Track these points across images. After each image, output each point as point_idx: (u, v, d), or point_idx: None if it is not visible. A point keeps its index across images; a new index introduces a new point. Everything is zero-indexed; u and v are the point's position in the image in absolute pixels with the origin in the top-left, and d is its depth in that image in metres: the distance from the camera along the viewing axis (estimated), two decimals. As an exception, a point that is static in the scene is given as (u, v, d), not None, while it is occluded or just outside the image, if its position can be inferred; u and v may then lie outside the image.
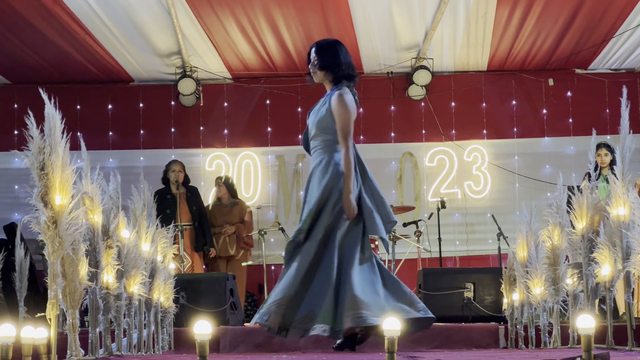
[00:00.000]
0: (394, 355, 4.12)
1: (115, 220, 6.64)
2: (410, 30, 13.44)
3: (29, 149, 5.14)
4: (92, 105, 14.93)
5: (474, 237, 14.76)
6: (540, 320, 8.45)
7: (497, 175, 14.97)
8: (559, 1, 12.28)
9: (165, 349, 8.91)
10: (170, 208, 12.97)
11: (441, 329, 10.30)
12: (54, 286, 5.25)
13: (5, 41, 13.01)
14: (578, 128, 14.82)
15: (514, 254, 9.22)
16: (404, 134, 15.08)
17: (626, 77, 14.66)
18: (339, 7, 12.23)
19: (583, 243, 7.44)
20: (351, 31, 13.16)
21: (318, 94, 8.06)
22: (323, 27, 12.81)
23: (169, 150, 14.84)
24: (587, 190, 7.48)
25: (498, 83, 15.14)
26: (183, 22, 12.74)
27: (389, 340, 4.14)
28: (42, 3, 11.75)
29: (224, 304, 10.74)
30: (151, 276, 8.00)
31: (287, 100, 14.64)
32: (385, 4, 12.29)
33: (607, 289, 6.94)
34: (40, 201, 5.12)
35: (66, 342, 5.54)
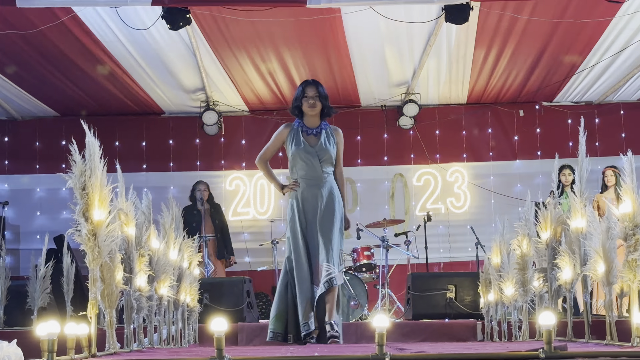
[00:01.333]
0: (383, 347, 4.12)
1: (146, 233, 6.64)
2: (401, 69, 13.45)
3: (72, 171, 5.16)
4: (127, 134, 14.94)
5: (455, 246, 14.73)
6: (512, 317, 8.43)
7: (475, 193, 14.96)
8: (528, 44, 12.28)
9: (191, 342, 8.90)
10: (196, 221, 12.99)
11: (427, 325, 10.30)
12: (94, 289, 5.25)
13: (54, 79, 13.04)
14: (544, 152, 14.79)
15: (489, 260, 9.20)
16: (395, 157, 15.08)
17: (585, 109, 14.65)
18: (339, 49, 12.25)
19: (547, 251, 7.44)
20: (350, 70, 13.17)
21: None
22: (326, 66, 12.82)
23: (195, 173, 14.84)
24: (551, 205, 7.49)
25: (476, 114, 15.14)
26: (206, 62, 12.75)
27: (378, 334, 4.14)
28: (85, 46, 11.77)
29: (242, 304, 10.72)
30: (178, 280, 7.99)
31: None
32: (379, 46, 12.30)
33: (568, 290, 6.93)
34: (81, 216, 5.13)
35: (105, 336, 5.54)
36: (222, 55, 12.49)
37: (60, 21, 10.81)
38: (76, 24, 11.01)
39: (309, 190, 7.90)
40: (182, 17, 10.46)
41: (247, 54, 12.45)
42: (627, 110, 14.98)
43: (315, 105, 7.91)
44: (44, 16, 10.66)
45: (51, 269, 10.13)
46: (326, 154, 7.91)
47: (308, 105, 7.93)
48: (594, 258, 6.17)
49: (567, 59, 12.87)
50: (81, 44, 11.68)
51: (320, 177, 7.90)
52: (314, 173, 7.90)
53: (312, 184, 7.90)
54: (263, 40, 11.94)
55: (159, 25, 10.78)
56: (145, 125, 15.12)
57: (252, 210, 14.99)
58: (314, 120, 8.00)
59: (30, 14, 10.52)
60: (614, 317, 6.16)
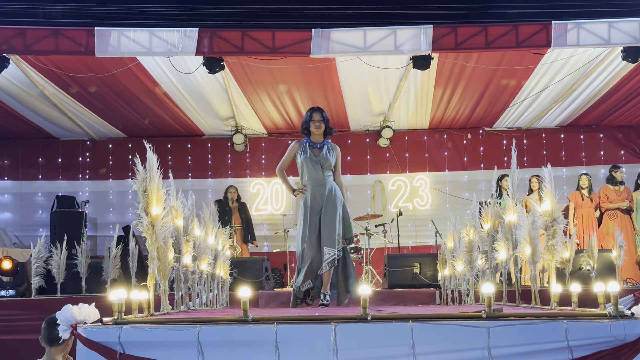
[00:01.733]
0: (366, 309, 4.12)
1: (191, 224, 6.64)
2: (380, 103, 13.44)
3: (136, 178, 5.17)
4: (177, 150, 14.91)
5: (420, 234, 14.68)
6: (462, 286, 8.43)
7: (435, 195, 14.93)
8: (474, 84, 12.27)
9: (224, 305, 8.89)
10: (228, 215, 12.99)
11: (399, 293, 10.28)
12: (152, 265, 5.26)
13: (123, 109, 13.04)
14: (486, 165, 14.75)
15: (445, 245, 9.20)
16: (375, 169, 15.04)
17: (516, 133, 14.63)
18: (334, 87, 12.25)
19: (488, 238, 7.45)
20: (342, 103, 13.17)
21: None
22: (324, 100, 12.79)
23: (227, 179, 14.81)
24: (491, 205, 7.49)
25: (435, 136, 15.11)
26: (236, 97, 12.75)
27: (362, 299, 4.14)
28: (146, 85, 11.79)
29: (262, 277, 10.71)
30: (215, 259, 8.00)
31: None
32: (364, 86, 12.30)
33: (503, 266, 6.94)
34: (143, 211, 5.13)
35: (160, 301, 5.55)
36: (247, 92, 12.49)
37: (127, 67, 10.83)
38: (139, 68, 11.02)
39: (315, 190, 7.87)
40: (218, 64, 10.49)
41: (266, 91, 12.45)
42: (547, 134, 14.94)
43: (320, 127, 7.92)
44: (116, 63, 10.69)
45: (120, 250, 10.15)
46: (327, 162, 7.90)
47: (315, 127, 7.91)
48: (522, 244, 6.18)
49: (503, 96, 12.88)
50: (143, 83, 11.70)
51: (322, 179, 7.87)
52: (317, 176, 7.87)
53: (316, 185, 7.88)
54: (277, 81, 11.94)
55: (201, 70, 10.79)
56: (190, 144, 15.09)
57: (269, 207, 14.96)
58: (319, 138, 7.97)
59: (106, 61, 10.54)
60: (538, 287, 6.17)
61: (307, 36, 10.05)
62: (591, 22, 10.12)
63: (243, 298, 4.12)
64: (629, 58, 10.36)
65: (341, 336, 4.00)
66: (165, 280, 5.46)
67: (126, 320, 4.18)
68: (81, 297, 9.58)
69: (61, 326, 4.22)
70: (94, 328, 4.13)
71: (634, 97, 12.73)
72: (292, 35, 10.28)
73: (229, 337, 4.07)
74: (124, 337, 4.08)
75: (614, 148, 14.87)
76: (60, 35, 10.03)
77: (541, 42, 10.18)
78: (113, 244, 10.28)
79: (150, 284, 5.20)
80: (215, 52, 10.24)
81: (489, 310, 4.15)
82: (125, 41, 10.03)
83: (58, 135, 14.77)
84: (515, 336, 4.03)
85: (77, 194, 14.32)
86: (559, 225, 5.73)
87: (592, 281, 9.22)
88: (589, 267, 9.61)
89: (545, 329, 4.05)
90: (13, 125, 13.70)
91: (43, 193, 14.81)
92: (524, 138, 14.74)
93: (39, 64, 10.69)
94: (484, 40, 10.20)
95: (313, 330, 4.05)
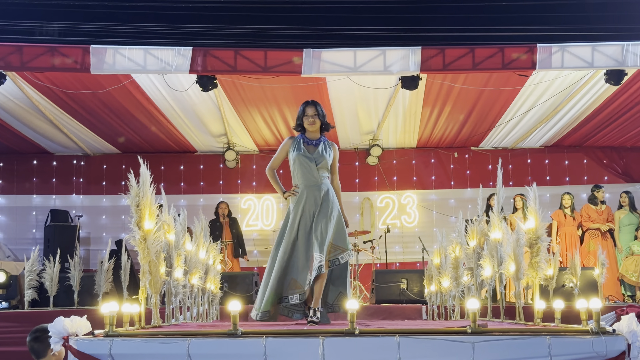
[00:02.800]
0: (354, 323, 4.12)
1: (183, 238, 6.63)
2: (369, 122, 13.47)
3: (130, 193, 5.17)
4: (170, 166, 14.90)
5: (407, 250, 14.69)
6: (448, 302, 8.43)
7: (422, 212, 14.94)
8: (461, 105, 12.33)
9: (214, 319, 8.87)
10: (219, 230, 12.96)
11: (386, 308, 10.27)
12: (143, 279, 5.25)
13: (117, 125, 13.02)
14: (472, 184, 14.79)
15: (431, 261, 9.20)
16: (364, 186, 15.06)
17: (501, 152, 14.69)
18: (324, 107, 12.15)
19: (474, 255, 7.45)
20: (332, 122, 13.13)
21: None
22: (315, 119, 12.81)
23: (218, 195, 14.79)
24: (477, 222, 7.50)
25: (423, 155, 15.14)
26: (228, 115, 12.76)
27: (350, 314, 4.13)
28: (140, 102, 11.78)
29: (252, 291, 10.69)
30: (205, 273, 7.98)
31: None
32: (353, 105, 12.33)
33: (488, 283, 6.94)
34: (136, 226, 5.12)
35: (151, 314, 5.52)
36: (239, 110, 12.50)
37: (122, 84, 10.83)
38: (134, 86, 11.02)
39: (308, 191, 6.78)
40: (211, 82, 10.51)
41: (257, 109, 12.46)
42: (532, 154, 15.01)
43: (315, 123, 6.91)
44: (111, 80, 10.69)
45: (112, 264, 10.11)
46: (323, 160, 6.84)
47: (308, 123, 6.91)
48: (507, 261, 6.19)
49: (489, 116, 12.94)
50: (137, 100, 11.69)
51: (317, 180, 6.80)
52: (311, 176, 6.79)
53: (310, 185, 6.79)
54: (269, 100, 11.95)
55: (194, 88, 10.80)
56: (183, 160, 15.08)
57: (260, 222, 14.94)
58: (314, 134, 6.95)
59: (101, 78, 10.55)
60: (522, 304, 6.17)
61: (298, 55, 10.09)
62: (575, 45, 10.22)
63: (233, 312, 4.12)
64: (612, 81, 10.44)
65: (329, 350, 4.00)
66: (157, 294, 5.45)
67: (117, 333, 4.16)
68: (73, 310, 9.52)
69: (53, 338, 4.20)
70: (86, 340, 4.11)
71: (616, 118, 12.82)
72: (284, 54, 10.33)
73: (218, 350, 4.06)
74: (115, 350, 4.06)
75: (597, 168, 14.95)
76: (57, 52, 10.05)
77: (527, 64, 10.26)
78: (105, 257, 10.24)
79: (142, 297, 5.18)
80: (209, 71, 10.27)
81: (474, 326, 4.15)
82: (121, 59, 10.06)
83: (53, 151, 14.73)
84: (499, 351, 4.03)
85: (70, 209, 14.28)
86: (542, 243, 5.75)
87: (574, 298, 9.24)
88: (571, 285, 9.64)
89: (529, 344, 4.05)
90: (8, 140, 13.66)
91: (37, 207, 14.76)
92: (509, 157, 14.78)
93: (35, 81, 10.68)
94: (471, 62, 10.26)
95: (301, 344, 4.04)
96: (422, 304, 10.10)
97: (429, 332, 4.12)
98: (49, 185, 14.89)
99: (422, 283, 10.14)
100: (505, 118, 12.98)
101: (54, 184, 14.90)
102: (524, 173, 14.71)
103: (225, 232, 13.13)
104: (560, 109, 12.41)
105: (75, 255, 10.38)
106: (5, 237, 14.48)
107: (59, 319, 4.21)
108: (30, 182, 14.84)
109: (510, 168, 14.63)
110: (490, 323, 5.94)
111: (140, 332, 4.35)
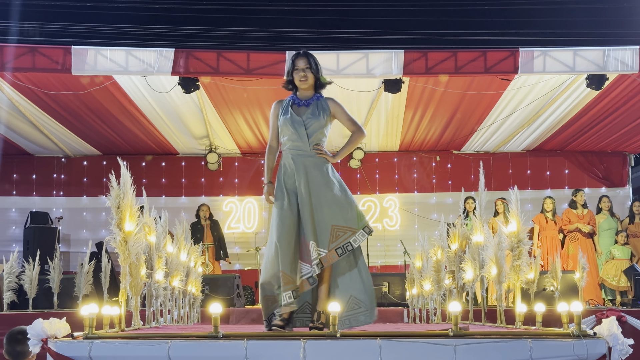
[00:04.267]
0: (335, 326, 4.11)
1: (163, 240, 6.60)
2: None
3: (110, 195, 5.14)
4: (151, 168, 14.86)
5: (389, 254, 14.71)
6: (429, 305, 8.44)
7: (404, 216, 14.97)
8: (443, 108, 12.36)
9: (195, 322, 8.83)
10: (200, 233, 12.92)
11: (368, 311, 10.26)
12: (124, 281, 5.21)
13: (98, 127, 12.96)
14: (454, 187, 14.84)
15: (413, 264, 9.21)
16: (346, 189, 15.05)
17: (483, 156, 14.73)
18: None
19: (455, 258, 7.47)
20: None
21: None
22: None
23: (200, 197, 14.76)
24: (459, 225, 7.52)
25: (405, 158, 15.18)
26: (210, 117, 12.73)
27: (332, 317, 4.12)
28: (122, 104, 11.73)
29: (233, 294, 10.67)
30: (186, 275, 7.95)
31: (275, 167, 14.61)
32: (336, 108, 12.32)
33: (470, 286, 6.95)
34: (116, 227, 5.10)
35: (131, 316, 5.49)
36: (222, 112, 12.48)
37: (103, 85, 10.78)
38: (115, 87, 10.97)
39: (297, 161, 5.55)
40: (193, 84, 10.49)
41: (240, 111, 12.44)
42: (513, 157, 15.08)
43: (306, 77, 5.63)
44: (92, 81, 10.64)
45: (93, 266, 10.06)
46: (314, 123, 5.57)
47: (299, 79, 5.65)
48: (488, 264, 6.20)
49: (471, 120, 12.98)
50: (119, 102, 11.64)
51: (307, 148, 5.55)
52: (300, 143, 5.55)
53: (298, 155, 5.56)
54: (251, 102, 11.93)
55: (176, 89, 10.77)
56: (164, 162, 15.03)
57: (241, 225, 14.91)
58: (307, 92, 5.70)
59: (82, 79, 10.50)
60: (503, 307, 6.19)
61: (281, 58, 10.08)
62: (557, 49, 10.29)
63: (214, 314, 4.09)
64: (593, 85, 10.52)
65: (310, 352, 3.98)
66: (137, 296, 5.42)
67: (97, 335, 4.13)
68: (53, 312, 9.46)
69: (31, 340, 4.16)
70: (65, 342, 4.07)
71: (597, 123, 12.90)
72: (267, 57, 10.32)
73: (199, 352, 4.04)
74: (95, 352, 4.03)
75: (578, 172, 15.04)
76: (38, 53, 10.00)
77: (509, 69, 10.31)
78: (86, 259, 10.19)
79: (122, 299, 5.15)
80: (191, 72, 10.25)
81: (455, 329, 4.16)
82: (102, 60, 10.03)
83: (33, 152, 14.64)
84: (481, 354, 4.04)
85: (51, 210, 14.17)
86: (524, 247, 5.77)
87: (555, 301, 9.27)
88: (552, 288, 9.68)
89: (510, 347, 4.06)
90: (-12, 141, 13.57)
91: (17, 209, 14.66)
92: (491, 161, 14.84)
93: (16, 81, 10.61)
94: (453, 65, 10.30)
95: (283, 346, 4.03)
96: (403, 307, 10.11)
97: (411, 335, 4.11)
98: (29, 186, 14.80)
99: (404, 286, 10.16)
100: (487, 122, 13.03)
101: (34, 186, 14.80)
102: (506, 177, 14.77)
103: (207, 235, 13.10)
104: (542, 113, 12.48)
105: (55, 257, 10.33)
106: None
107: (38, 321, 4.17)
108: (10, 183, 14.74)
109: (492, 171, 14.68)
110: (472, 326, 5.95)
111: (120, 335, 4.32)
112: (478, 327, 6.08)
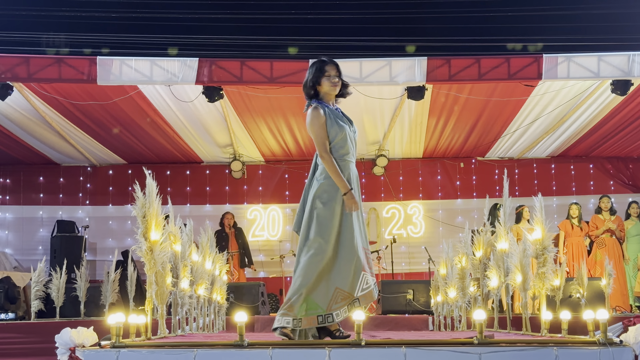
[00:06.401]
0: (360, 334, 4.11)
1: (189, 249, 6.64)
2: (375, 132, 13.48)
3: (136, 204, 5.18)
4: (177, 177, 14.93)
5: (413, 261, 14.68)
6: (454, 313, 8.41)
7: (428, 223, 14.93)
8: (467, 115, 12.33)
9: (220, 330, 8.86)
10: (225, 241, 12.98)
11: (392, 319, 10.25)
12: (150, 290, 5.25)
13: (124, 136, 13.05)
14: (478, 194, 14.79)
15: (438, 272, 9.19)
16: (370, 196, 15.03)
17: (507, 163, 14.68)
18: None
19: (480, 265, 7.44)
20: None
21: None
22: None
23: (224, 205, 14.80)
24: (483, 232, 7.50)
25: (429, 165, 15.14)
26: (234, 125, 12.78)
27: (357, 325, 4.13)
28: (147, 113, 11.81)
29: (258, 302, 10.69)
30: (212, 284, 7.98)
31: (298, 175, 14.63)
32: (359, 115, 12.31)
33: (495, 294, 6.93)
34: (142, 236, 5.13)
35: (157, 325, 5.53)
36: (245, 121, 12.52)
37: (129, 95, 10.87)
38: (140, 97, 11.05)
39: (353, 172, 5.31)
40: (217, 93, 10.54)
41: (263, 120, 12.48)
42: (538, 164, 15.00)
43: (338, 84, 5.38)
44: (117, 91, 10.73)
45: (119, 275, 10.13)
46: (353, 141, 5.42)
47: (331, 84, 5.34)
48: (513, 271, 6.18)
49: (495, 126, 12.93)
50: (144, 111, 11.72)
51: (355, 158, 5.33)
52: (354, 152, 5.36)
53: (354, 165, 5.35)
54: (275, 110, 11.97)
55: (200, 98, 10.84)
56: (189, 171, 15.10)
57: (266, 233, 14.93)
58: (332, 100, 5.51)
59: (107, 89, 10.58)
60: (529, 314, 6.16)
61: (304, 66, 10.11)
62: (581, 55, 10.23)
63: (239, 322, 4.11)
64: (618, 91, 10.45)
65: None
66: (163, 305, 5.45)
67: (124, 344, 4.16)
68: (80, 321, 9.54)
69: (59, 349, 4.20)
70: (92, 351, 4.11)
71: (622, 129, 12.80)
72: (290, 65, 10.36)
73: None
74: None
75: (604, 178, 14.93)
76: (63, 63, 10.10)
77: (532, 75, 10.27)
78: (112, 268, 10.27)
79: (148, 308, 5.19)
80: (215, 82, 10.31)
81: (480, 337, 4.15)
82: (127, 70, 10.11)
83: (59, 161, 14.77)
84: (506, 362, 4.02)
85: (77, 219, 14.30)
86: (549, 254, 5.74)
87: (581, 309, 9.21)
88: (578, 295, 9.61)
89: (536, 355, 4.04)
90: (15, 151, 13.70)
91: (44, 218, 14.79)
92: (515, 168, 14.76)
93: (42, 92, 10.72)
94: (477, 72, 10.28)
95: (308, 354, 4.04)
96: (428, 315, 10.08)
97: (436, 343, 4.11)
98: (56, 196, 14.93)
99: (429, 294, 10.13)
100: (511, 128, 12.97)
101: (61, 195, 14.93)
102: (530, 183, 14.69)
103: (232, 243, 13.15)
104: (567, 119, 12.41)
105: (81, 266, 10.41)
106: (12, 247, 14.51)
107: (66, 330, 4.22)
108: (37, 193, 14.88)
109: (517, 178, 14.61)
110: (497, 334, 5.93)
111: (146, 343, 4.35)
112: (503, 334, 6.06)
